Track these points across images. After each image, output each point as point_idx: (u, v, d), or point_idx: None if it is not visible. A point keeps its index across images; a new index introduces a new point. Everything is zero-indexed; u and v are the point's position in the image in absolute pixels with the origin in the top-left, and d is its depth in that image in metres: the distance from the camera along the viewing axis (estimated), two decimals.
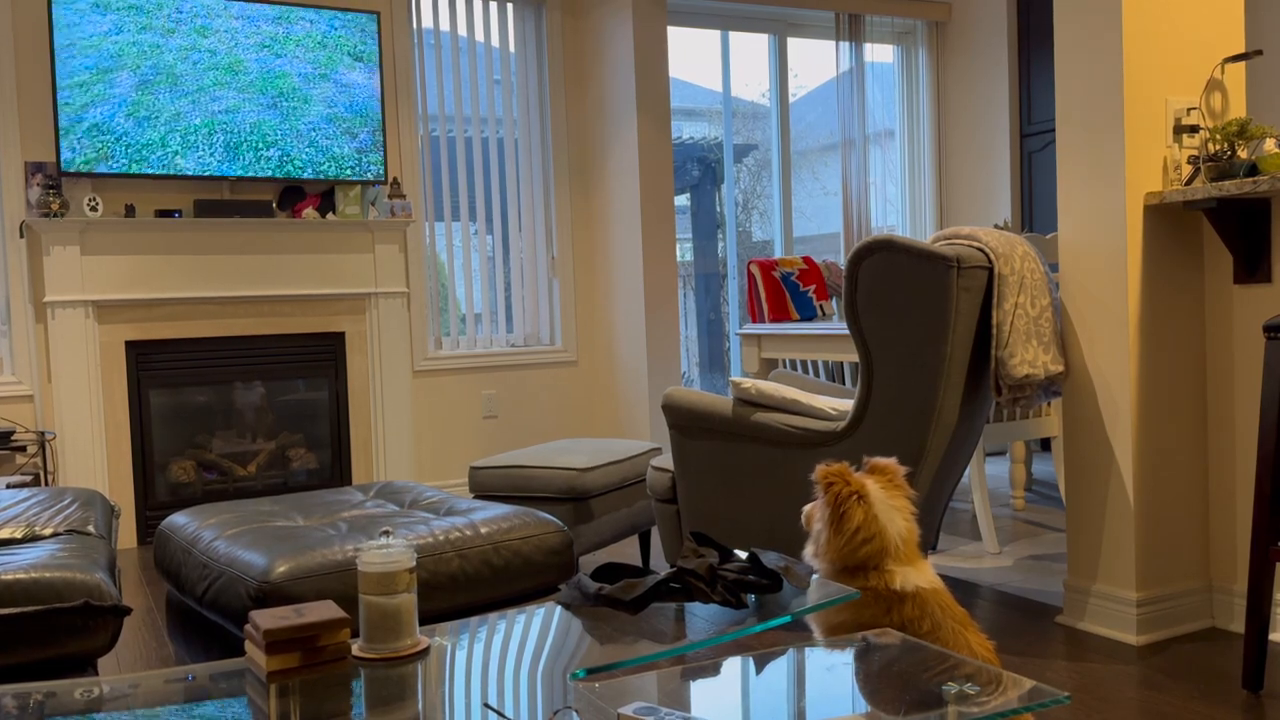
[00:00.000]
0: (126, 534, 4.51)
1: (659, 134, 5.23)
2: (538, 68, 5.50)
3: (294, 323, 4.81)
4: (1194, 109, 2.79)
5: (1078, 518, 2.91)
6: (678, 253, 5.34)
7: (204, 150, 4.55)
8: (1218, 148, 2.70)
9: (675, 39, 5.95)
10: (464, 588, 2.23)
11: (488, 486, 3.46)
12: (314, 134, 4.75)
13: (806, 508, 1.94)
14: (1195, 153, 2.78)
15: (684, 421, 3.01)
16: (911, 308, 2.67)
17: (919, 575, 1.77)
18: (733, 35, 6.02)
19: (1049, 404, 4.17)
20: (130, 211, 4.47)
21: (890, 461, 1.89)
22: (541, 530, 2.37)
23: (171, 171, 4.50)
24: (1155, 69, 2.75)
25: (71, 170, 4.32)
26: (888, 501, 1.81)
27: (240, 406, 4.79)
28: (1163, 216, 2.78)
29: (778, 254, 6.18)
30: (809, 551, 1.86)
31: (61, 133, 4.30)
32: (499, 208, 5.45)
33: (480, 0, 5.34)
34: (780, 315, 4.74)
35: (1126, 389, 2.76)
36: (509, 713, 1.29)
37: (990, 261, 2.74)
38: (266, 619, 1.46)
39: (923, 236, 6.39)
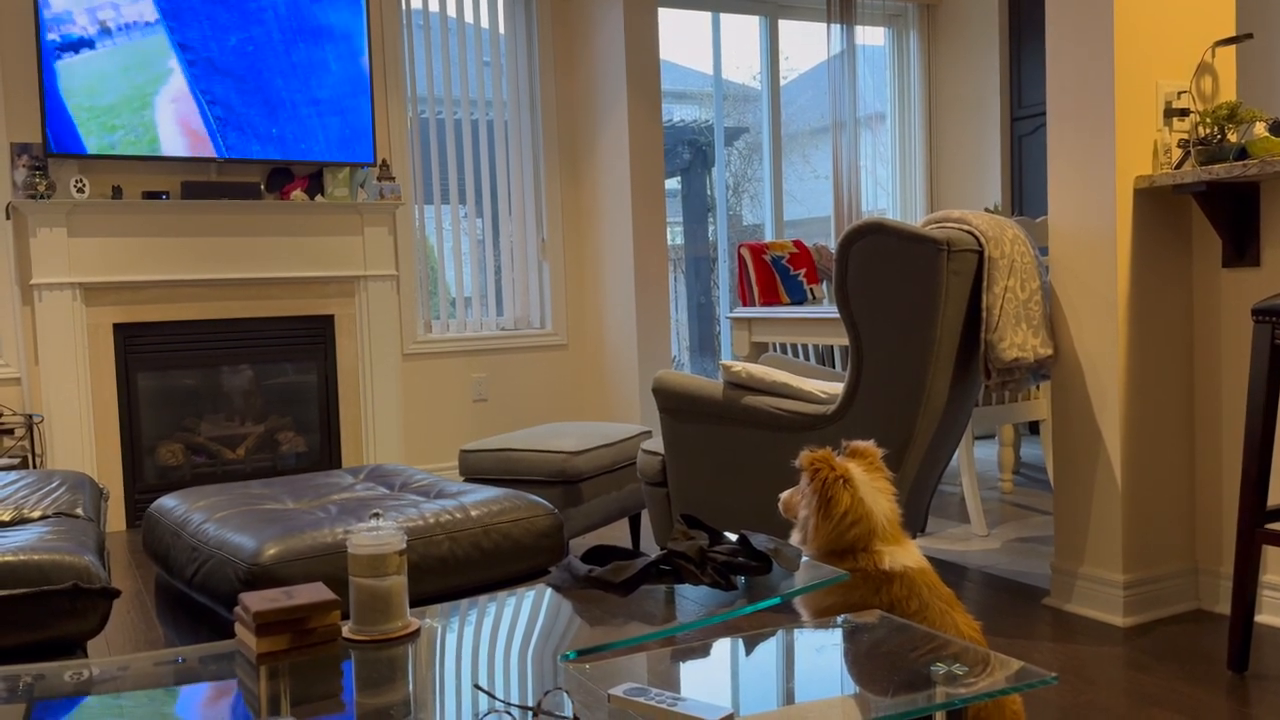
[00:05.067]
0: (115, 517, 4.50)
1: (649, 117, 5.22)
2: (527, 50, 5.47)
3: (283, 305, 4.79)
4: (1184, 92, 2.79)
5: (1065, 501, 2.92)
6: (668, 236, 5.34)
7: (191, 132, 4.52)
8: (1208, 131, 2.70)
9: (666, 21, 5.93)
10: (454, 570, 2.23)
11: (478, 470, 3.46)
12: (302, 116, 4.72)
13: (784, 495, 1.95)
14: (1185, 136, 2.78)
15: (674, 405, 3.01)
16: (901, 291, 2.67)
17: (906, 555, 1.79)
18: (723, 17, 6.00)
19: (1038, 387, 4.18)
20: (117, 193, 4.44)
21: (869, 444, 1.91)
22: (532, 513, 2.37)
23: (159, 153, 4.47)
24: (1146, 52, 2.75)
25: (57, 151, 4.29)
26: (871, 484, 1.83)
27: (229, 390, 4.77)
28: (1152, 200, 2.78)
29: (768, 237, 6.17)
30: (796, 538, 1.87)
31: (47, 113, 4.27)
32: (489, 190, 5.43)
33: None
34: (770, 299, 4.74)
35: (1115, 372, 2.77)
36: (499, 694, 1.29)
37: (980, 245, 2.74)
38: (256, 601, 1.46)
39: (913, 220, 6.39)
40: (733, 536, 1.78)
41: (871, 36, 6.39)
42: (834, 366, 4.48)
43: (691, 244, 6.60)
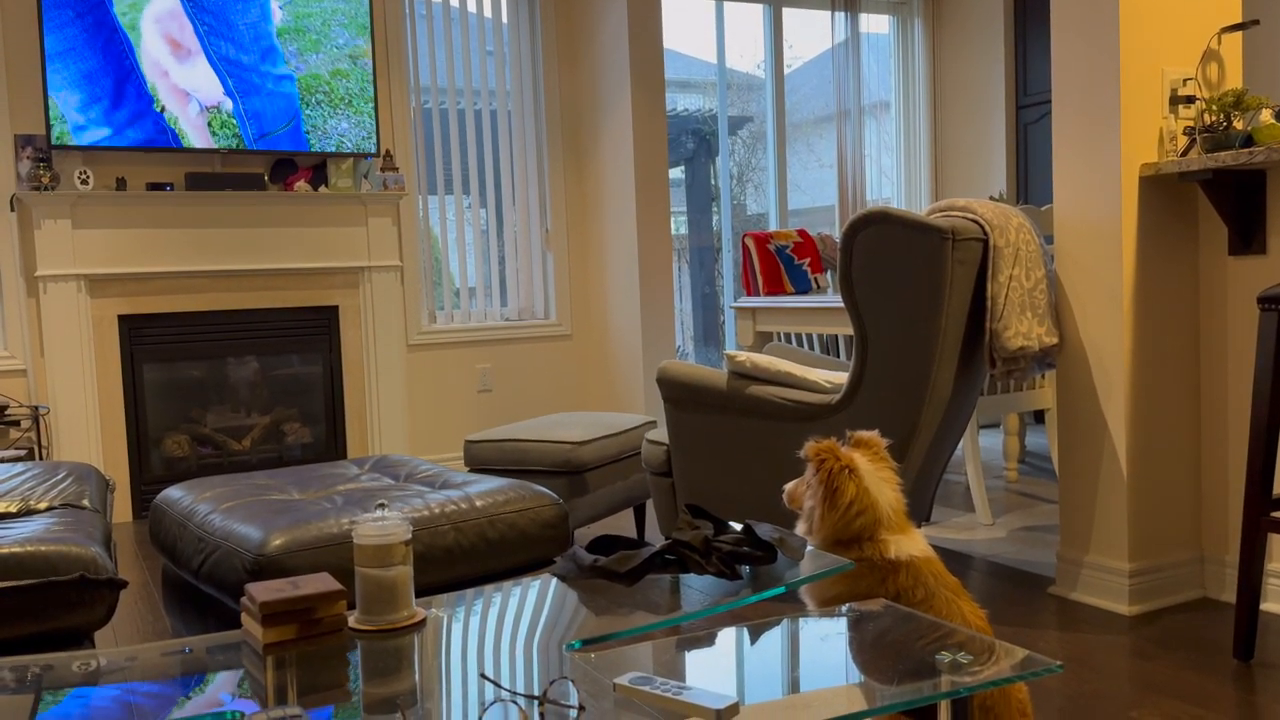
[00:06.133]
0: (121, 508, 4.51)
1: (653, 106, 5.21)
2: (530, 39, 5.46)
3: (287, 296, 4.79)
4: (1190, 79, 2.78)
5: (1070, 489, 2.92)
6: (672, 226, 5.33)
7: (195, 122, 4.52)
8: (1214, 119, 2.69)
9: (669, 10, 5.91)
10: (460, 560, 2.24)
11: (483, 460, 3.46)
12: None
13: (788, 486, 1.96)
14: (1191, 124, 2.77)
15: (679, 395, 3.01)
16: (906, 280, 2.67)
17: (912, 544, 1.79)
18: (727, 5, 5.98)
19: (1043, 376, 4.18)
20: (121, 185, 4.44)
21: (873, 434, 1.91)
22: (537, 503, 2.37)
23: (162, 144, 4.47)
24: (1151, 39, 2.74)
25: (61, 143, 4.29)
26: (876, 474, 1.83)
27: (234, 381, 4.78)
28: (1158, 188, 2.77)
29: (772, 227, 6.16)
30: (802, 529, 1.88)
31: (51, 105, 4.27)
32: (492, 181, 5.43)
33: None
34: (775, 288, 4.74)
35: (1120, 361, 2.76)
36: (505, 684, 1.29)
37: (985, 233, 2.73)
38: (263, 591, 1.46)
39: (918, 209, 6.38)
40: (737, 526, 1.78)
41: (876, 24, 6.37)
42: (838, 356, 4.48)
43: (695, 234, 6.59)
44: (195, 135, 4.48)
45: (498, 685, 1.29)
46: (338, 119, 4.73)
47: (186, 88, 4.41)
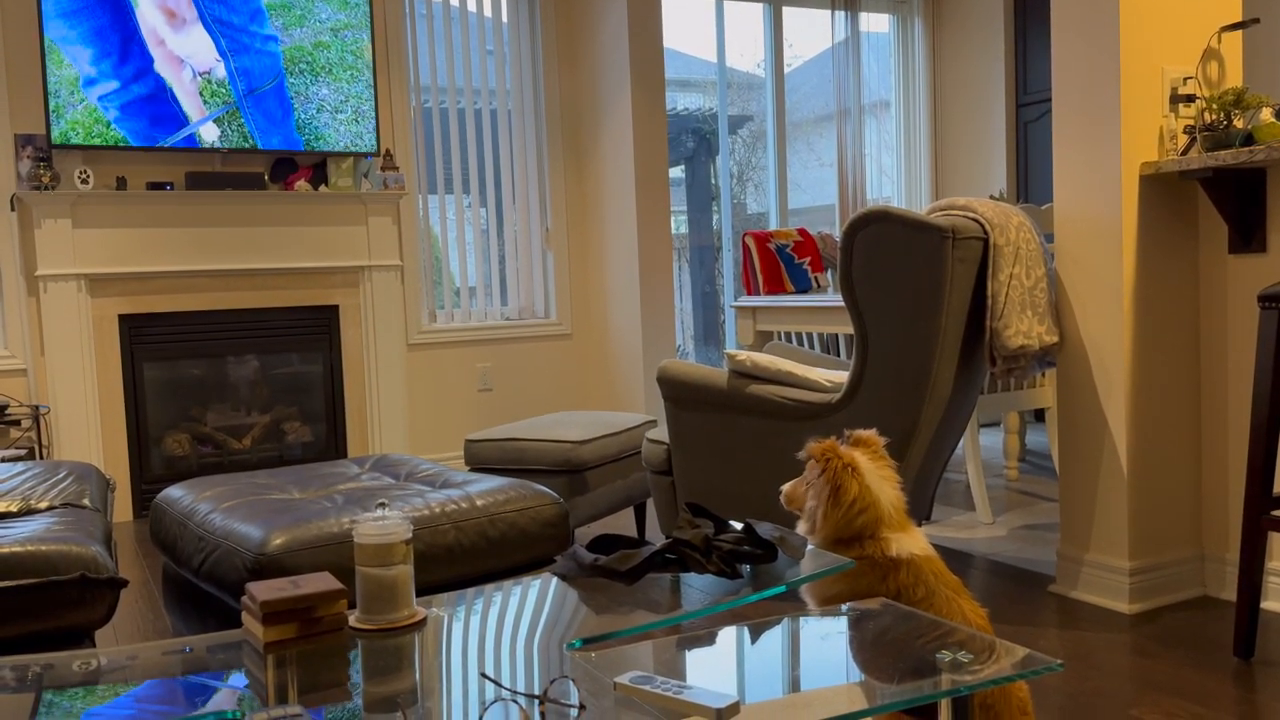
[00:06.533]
0: (122, 507, 4.51)
1: (653, 105, 5.21)
2: (530, 38, 5.46)
3: (287, 295, 4.79)
4: (1190, 78, 2.78)
5: (1071, 488, 2.92)
6: (672, 225, 5.33)
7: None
8: (1214, 117, 2.69)
9: (669, 8, 5.91)
10: (460, 559, 2.24)
11: (483, 459, 3.46)
12: (305, 106, 4.72)
13: (786, 487, 1.96)
14: (1191, 122, 2.77)
15: (679, 394, 3.01)
16: (906, 279, 2.67)
17: (912, 542, 1.79)
18: (727, 4, 5.98)
19: (1043, 375, 4.18)
20: (121, 184, 4.44)
21: (871, 433, 1.91)
22: (537, 502, 2.37)
23: (162, 144, 4.47)
24: (1152, 37, 2.74)
25: (61, 143, 4.29)
26: (876, 472, 1.84)
27: (234, 380, 4.78)
28: (1158, 186, 2.77)
29: (773, 226, 6.16)
30: (803, 528, 1.88)
31: (51, 104, 4.27)
32: (492, 180, 5.43)
33: None
34: (775, 288, 4.74)
35: (1120, 359, 2.76)
36: (505, 683, 1.29)
37: (985, 232, 2.73)
38: (263, 590, 1.46)
39: (918, 208, 6.37)
40: (738, 525, 1.78)
41: (876, 23, 6.36)
42: (839, 355, 4.48)
43: (696, 233, 6.59)
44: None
45: (498, 684, 1.29)
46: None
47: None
